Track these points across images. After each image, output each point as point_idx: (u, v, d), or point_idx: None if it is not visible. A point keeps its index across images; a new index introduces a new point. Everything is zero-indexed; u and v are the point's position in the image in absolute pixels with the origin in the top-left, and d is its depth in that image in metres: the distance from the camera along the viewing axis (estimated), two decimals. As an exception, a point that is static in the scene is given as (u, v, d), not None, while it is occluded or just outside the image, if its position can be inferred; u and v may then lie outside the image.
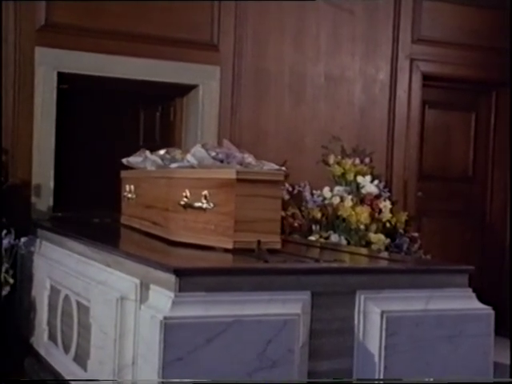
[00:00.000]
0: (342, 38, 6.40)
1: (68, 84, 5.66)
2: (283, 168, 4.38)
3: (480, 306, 3.42)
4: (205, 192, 3.82)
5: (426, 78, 6.71)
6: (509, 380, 3.91)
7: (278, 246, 3.73)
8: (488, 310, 3.40)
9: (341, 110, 6.40)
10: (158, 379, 2.84)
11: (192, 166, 4.17)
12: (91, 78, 5.64)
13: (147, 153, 4.75)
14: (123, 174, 5.14)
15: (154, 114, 6.59)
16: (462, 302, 3.39)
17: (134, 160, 4.84)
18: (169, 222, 4.17)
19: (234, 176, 3.66)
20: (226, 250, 3.64)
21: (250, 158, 4.20)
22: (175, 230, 4.07)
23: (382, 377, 3.19)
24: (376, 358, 3.20)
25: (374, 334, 3.21)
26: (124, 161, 4.91)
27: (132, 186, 4.95)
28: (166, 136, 6.27)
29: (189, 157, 4.22)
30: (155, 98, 6.48)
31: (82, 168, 6.44)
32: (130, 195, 4.96)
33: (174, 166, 4.37)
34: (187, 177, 4.09)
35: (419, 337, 3.24)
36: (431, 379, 3.25)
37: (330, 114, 6.35)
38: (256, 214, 3.67)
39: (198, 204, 3.84)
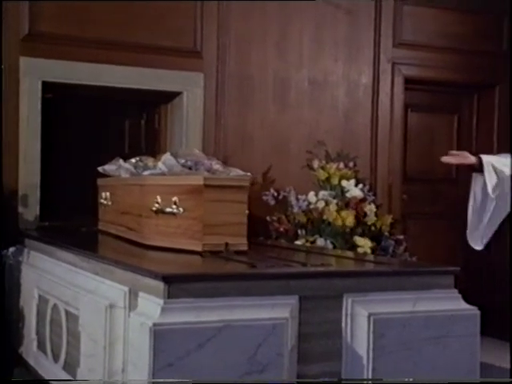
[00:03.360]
0: (324, 43, 6.42)
1: (52, 93, 5.66)
2: (249, 174, 4.43)
3: (466, 306, 3.44)
4: (175, 198, 3.98)
5: (408, 81, 6.73)
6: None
7: (245, 248, 3.88)
8: (474, 311, 3.43)
9: (325, 115, 6.41)
10: (148, 379, 2.85)
11: (163, 174, 4.33)
12: (76, 87, 5.63)
13: (121, 161, 4.89)
14: (99, 181, 5.31)
15: (138, 122, 6.58)
16: (449, 303, 3.41)
17: (109, 168, 4.98)
18: (142, 227, 4.31)
19: (201, 182, 3.84)
20: (196, 253, 3.77)
21: (217, 165, 4.38)
22: (149, 235, 4.23)
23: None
24: (364, 360, 3.21)
25: (362, 336, 3.22)
26: (100, 169, 5.06)
27: (108, 193, 5.10)
28: (151, 143, 6.27)
29: (160, 164, 4.39)
30: (140, 106, 6.48)
31: (68, 176, 6.43)
32: (106, 202, 5.12)
33: (146, 173, 4.51)
34: (158, 183, 4.25)
35: (407, 338, 3.26)
36: (411, 379, 3.27)
37: (314, 118, 6.36)
38: (223, 217, 3.83)
39: (168, 209, 4.00)
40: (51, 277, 4.18)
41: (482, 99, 7.25)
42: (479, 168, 5.47)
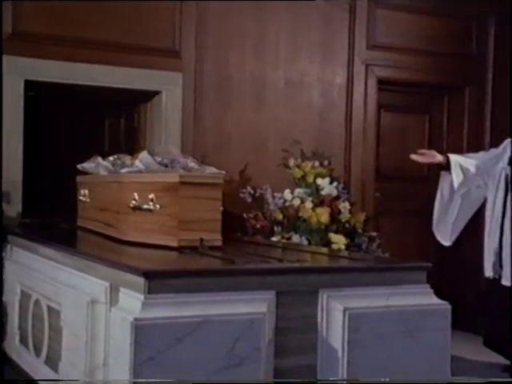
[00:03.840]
0: (300, 45, 6.43)
1: (34, 91, 5.62)
2: (223, 172, 4.45)
3: (438, 301, 3.47)
4: (151, 195, 4.01)
5: (381, 82, 6.75)
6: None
7: (219, 243, 3.90)
8: (445, 305, 3.45)
9: (300, 114, 6.42)
10: (129, 379, 2.84)
11: (140, 171, 4.35)
12: (57, 85, 5.59)
13: (99, 159, 4.91)
14: (78, 179, 5.32)
15: (118, 121, 6.57)
16: (421, 297, 3.43)
17: (87, 166, 5.00)
18: (120, 223, 4.34)
19: (177, 180, 3.89)
20: (173, 248, 3.80)
21: (192, 163, 4.41)
22: (126, 231, 4.25)
23: (345, 372, 3.21)
24: (339, 354, 3.22)
25: (337, 330, 3.24)
26: (79, 166, 5.07)
27: (86, 191, 5.12)
28: (130, 142, 6.24)
29: (137, 162, 4.40)
30: (119, 105, 6.45)
31: (48, 174, 6.39)
32: (84, 199, 5.14)
33: (123, 171, 4.53)
34: (136, 181, 4.28)
35: (380, 332, 3.28)
36: (387, 379, 3.28)
37: (290, 118, 6.37)
38: (198, 214, 3.87)
39: (145, 206, 4.04)
40: (33, 273, 4.17)
41: (452, 100, 7.29)
42: (447, 166, 5.54)
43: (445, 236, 5.79)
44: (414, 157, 5.62)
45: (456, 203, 5.68)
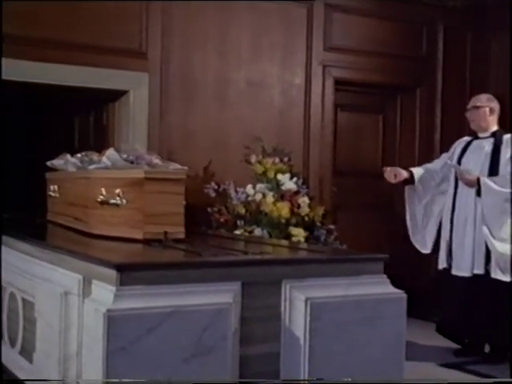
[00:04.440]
0: (261, 47, 6.44)
1: (6, 90, 5.54)
2: (185, 167, 4.44)
3: (394, 290, 3.48)
4: (118, 190, 4.00)
5: (338, 82, 6.78)
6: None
7: (183, 236, 3.90)
8: (401, 294, 3.46)
9: (261, 113, 6.43)
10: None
11: (107, 167, 4.32)
12: (27, 85, 5.53)
13: (68, 156, 4.87)
14: (48, 175, 5.27)
15: (87, 119, 6.52)
16: (378, 287, 3.45)
17: (56, 162, 4.96)
18: (89, 217, 4.31)
19: (142, 175, 3.88)
20: (139, 241, 3.80)
21: (156, 160, 4.39)
22: (94, 225, 4.23)
23: (307, 359, 3.22)
24: (301, 341, 3.23)
25: (299, 319, 3.24)
26: (48, 163, 5.04)
27: (56, 186, 5.07)
28: (99, 139, 6.19)
29: (104, 159, 4.38)
30: (89, 104, 6.40)
31: (20, 171, 6.33)
32: (54, 194, 5.09)
33: (91, 167, 4.50)
34: (103, 177, 4.25)
35: (340, 320, 3.29)
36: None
37: (251, 116, 6.38)
38: (162, 208, 3.86)
39: (112, 201, 4.02)
40: (8, 266, 4.11)
41: (404, 100, 7.35)
42: (411, 180, 5.63)
43: (422, 245, 5.86)
44: (388, 178, 5.69)
45: (424, 212, 5.78)
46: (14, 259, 4.12)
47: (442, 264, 5.60)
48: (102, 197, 4.11)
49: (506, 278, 5.28)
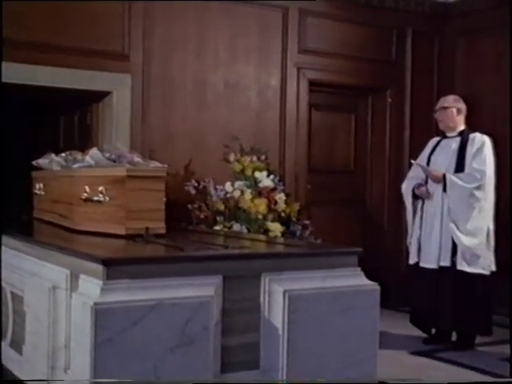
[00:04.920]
0: (238, 49, 6.43)
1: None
2: (165, 165, 4.45)
3: (368, 282, 3.52)
4: (101, 187, 4.01)
5: (312, 84, 6.78)
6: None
7: (163, 231, 3.91)
8: (374, 286, 3.50)
9: (239, 113, 6.43)
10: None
11: (90, 166, 4.33)
12: (13, 87, 5.47)
13: (53, 155, 4.87)
14: (34, 174, 5.26)
15: (72, 119, 6.48)
16: (353, 279, 3.47)
17: (42, 162, 4.96)
18: (73, 214, 4.31)
19: (124, 173, 3.91)
20: (120, 236, 3.81)
21: (138, 158, 4.40)
22: (79, 221, 4.23)
23: (285, 348, 3.23)
24: (280, 332, 3.24)
25: (278, 310, 3.26)
26: (34, 163, 5.03)
27: (41, 184, 5.06)
28: (83, 138, 6.16)
29: (87, 158, 4.39)
30: (73, 104, 6.36)
31: (8, 170, 6.28)
32: (39, 192, 5.08)
33: (75, 166, 4.51)
34: (86, 175, 4.26)
35: (317, 311, 3.31)
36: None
37: (229, 116, 6.37)
38: (144, 204, 3.88)
39: (96, 198, 4.03)
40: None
41: (375, 100, 7.37)
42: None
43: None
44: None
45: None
46: (3, 255, 4.10)
47: (412, 259, 5.64)
48: (85, 194, 4.12)
49: (470, 270, 5.35)
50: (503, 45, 6.86)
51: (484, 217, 5.41)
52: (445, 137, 5.68)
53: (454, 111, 5.62)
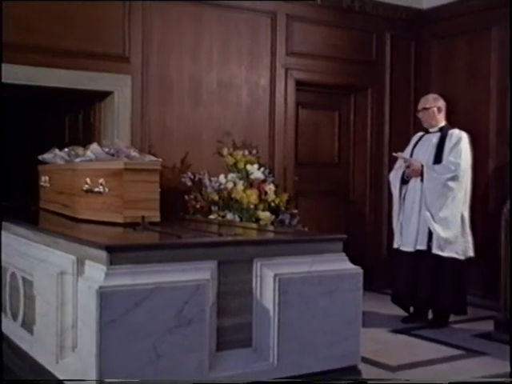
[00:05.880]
0: (230, 51, 6.40)
1: (6, 92, 5.45)
2: (160, 159, 4.46)
3: (352, 266, 3.52)
4: (101, 180, 4.02)
5: (299, 83, 6.76)
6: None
7: (158, 219, 3.93)
8: (358, 270, 3.51)
9: (231, 111, 6.40)
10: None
11: (91, 160, 4.35)
12: (22, 88, 5.45)
13: (57, 150, 4.87)
14: (39, 168, 5.26)
15: (77, 117, 6.45)
16: (338, 264, 3.48)
17: (47, 156, 4.96)
18: (75, 204, 4.33)
19: (122, 166, 3.92)
20: (118, 224, 3.84)
21: (134, 153, 4.41)
22: (80, 210, 4.25)
23: (276, 328, 3.23)
24: (271, 313, 3.25)
25: (269, 293, 3.26)
26: (40, 157, 5.03)
27: (47, 177, 5.07)
28: (87, 135, 6.11)
29: (88, 153, 4.41)
30: (78, 104, 6.32)
31: (17, 164, 6.25)
32: (45, 184, 5.09)
33: (77, 160, 4.51)
34: (87, 168, 4.27)
35: (305, 294, 3.32)
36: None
37: (222, 113, 6.35)
38: (140, 195, 3.90)
39: (96, 189, 4.04)
40: (9, 249, 4.07)
41: (357, 99, 7.35)
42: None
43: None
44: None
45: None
46: (14, 242, 4.08)
47: (396, 243, 5.69)
48: (86, 186, 4.13)
49: (444, 254, 5.39)
50: (474, 47, 6.89)
51: (457, 205, 5.42)
52: (427, 132, 5.72)
53: (434, 110, 5.67)
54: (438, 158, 5.50)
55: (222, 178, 5.78)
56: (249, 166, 5.86)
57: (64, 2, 5.52)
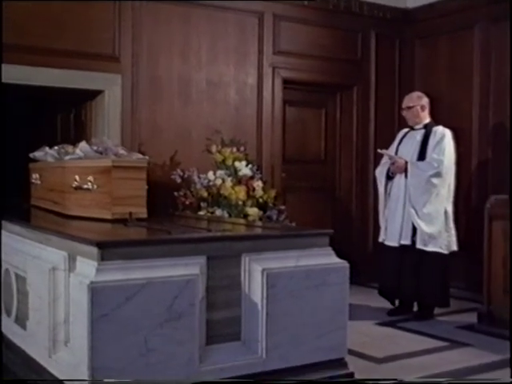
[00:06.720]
0: (218, 51, 6.40)
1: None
2: (146, 157, 4.45)
3: (338, 260, 3.53)
4: (90, 177, 4.04)
5: (286, 82, 6.76)
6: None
7: (145, 216, 3.94)
8: (344, 264, 3.52)
9: (220, 109, 6.40)
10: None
11: (80, 158, 4.34)
12: (15, 87, 5.42)
13: (47, 148, 4.88)
14: (30, 165, 5.24)
15: (68, 116, 6.43)
16: (325, 258, 3.49)
17: (38, 154, 4.97)
18: (65, 200, 4.33)
19: (110, 164, 3.93)
20: (107, 220, 3.85)
21: (122, 151, 4.43)
22: (70, 207, 4.26)
23: (264, 321, 3.23)
24: (259, 307, 3.26)
25: (257, 287, 3.27)
26: (31, 155, 5.02)
27: (37, 175, 5.07)
28: (78, 133, 6.10)
29: (77, 151, 4.41)
30: (69, 102, 6.31)
31: (10, 163, 6.21)
32: (36, 181, 5.09)
33: (67, 158, 4.51)
34: (77, 166, 4.27)
35: (292, 287, 3.33)
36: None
37: (211, 111, 6.34)
38: (128, 192, 3.91)
39: (85, 186, 4.06)
40: (2, 246, 4.05)
41: (343, 97, 7.36)
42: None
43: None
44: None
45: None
46: (7, 239, 4.07)
47: (381, 237, 5.71)
48: (76, 183, 4.14)
49: (428, 249, 5.41)
50: (457, 46, 6.92)
51: (441, 201, 5.45)
52: (412, 129, 5.73)
53: (418, 109, 5.68)
54: (422, 155, 5.52)
55: (210, 174, 5.77)
56: (237, 163, 5.85)
57: (56, 2, 5.50)
